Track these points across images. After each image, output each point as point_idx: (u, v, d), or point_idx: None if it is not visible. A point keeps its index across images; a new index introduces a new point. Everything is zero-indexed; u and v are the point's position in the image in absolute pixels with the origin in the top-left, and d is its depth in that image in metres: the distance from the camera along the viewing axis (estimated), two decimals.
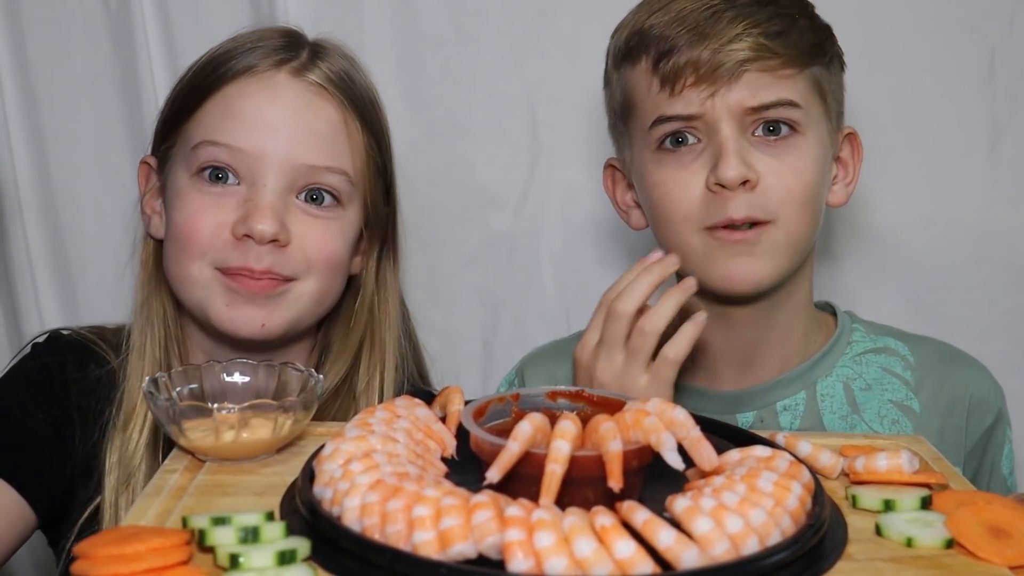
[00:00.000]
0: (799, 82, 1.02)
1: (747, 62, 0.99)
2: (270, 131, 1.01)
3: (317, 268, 1.04)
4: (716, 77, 0.99)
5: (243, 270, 1.01)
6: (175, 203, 1.05)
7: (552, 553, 0.58)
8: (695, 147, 1.02)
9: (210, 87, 1.03)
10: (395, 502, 0.63)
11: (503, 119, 1.42)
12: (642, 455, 0.69)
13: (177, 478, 0.76)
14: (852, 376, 1.10)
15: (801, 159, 1.02)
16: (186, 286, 1.04)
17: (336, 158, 1.04)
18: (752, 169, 1.00)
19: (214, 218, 1.01)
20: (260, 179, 1.01)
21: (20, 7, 1.41)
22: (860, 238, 1.40)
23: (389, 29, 1.41)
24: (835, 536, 0.68)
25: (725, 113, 1.00)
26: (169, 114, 1.07)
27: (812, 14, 1.06)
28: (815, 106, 1.04)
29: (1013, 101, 1.36)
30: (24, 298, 1.45)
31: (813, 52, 1.03)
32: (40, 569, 1.41)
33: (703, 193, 1.01)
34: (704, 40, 0.99)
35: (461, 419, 0.74)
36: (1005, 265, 1.39)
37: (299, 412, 0.81)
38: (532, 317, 1.46)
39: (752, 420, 1.09)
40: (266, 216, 0.99)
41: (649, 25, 1.03)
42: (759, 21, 1.00)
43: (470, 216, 1.44)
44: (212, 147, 1.01)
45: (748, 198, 1.00)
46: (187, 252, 1.02)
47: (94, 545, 0.62)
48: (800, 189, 1.02)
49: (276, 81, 1.03)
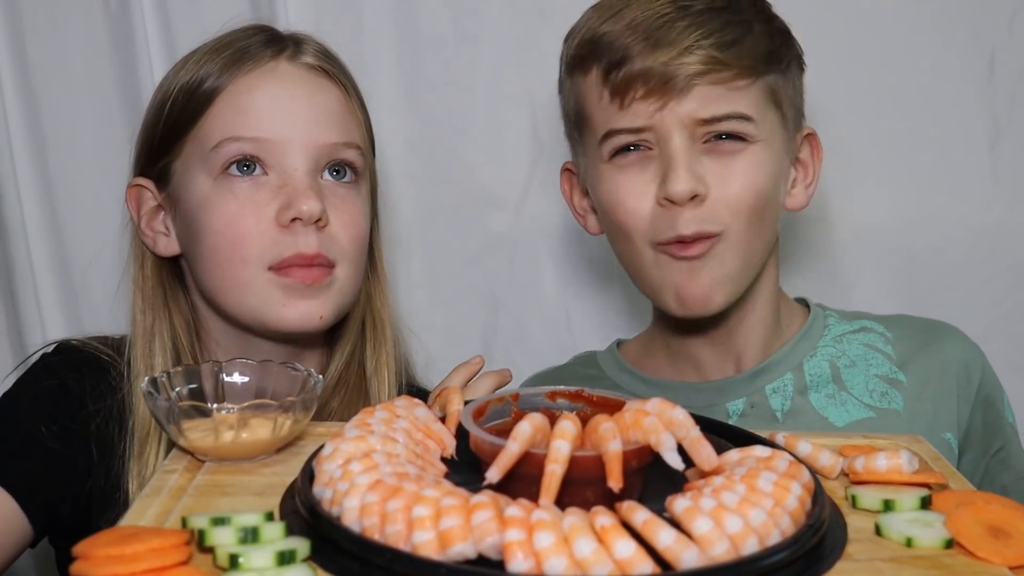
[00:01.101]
0: (752, 92, 1.00)
1: (698, 76, 0.97)
2: (289, 117, 1.03)
3: (351, 251, 1.05)
4: (666, 90, 0.98)
5: (296, 258, 1.01)
6: (205, 211, 1.03)
7: (552, 553, 0.58)
8: (646, 155, 1.01)
9: (212, 91, 1.03)
10: (395, 502, 0.63)
11: (503, 119, 1.42)
12: (642, 455, 0.69)
13: (176, 478, 0.76)
14: (836, 355, 1.11)
15: (750, 167, 1.01)
16: (236, 293, 1.03)
17: (349, 133, 1.06)
18: (701, 182, 0.99)
19: (255, 214, 1.01)
20: (290, 164, 1.02)
21: (21, 8, 1.41)
22: (860, 238, 1.40)
23: (389, 29, 1.41)
24: (835, 536, 0.68)
25: (675, 125, 0.99)
26: (164, 131, 1.06)
27: (769, 16, 1.05)
28: (769, 115, 1.02)
29: (1013, 101, 1.37)
30: (24, 297, 1.45)
31: (768, 60, 1.01)
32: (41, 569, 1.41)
33: (653, 208, 1.01)
34: (655, 51, 0.97)
35: (461, 419, 0.74)
36: (1005, 265, 1.39)
37: (299, 412, 0.81)
38: (532, 317, 1.46)
39: (743, 407, 1.09)
40: (310, 196, 1.01)
41: (601, 33, 1.01)
42: (712, 31, 0.98)
43: (470, 216, 1.45)
44: (235, 142, 1.01)
45: (698, 212, 0.99)
46: (237, 256, 1.01)
47: (93, 545, 0.62)
48: (750, 199, 1.01)
49: (280, 70, 1.04)
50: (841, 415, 1.07)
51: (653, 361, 1.17)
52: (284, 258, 1.01)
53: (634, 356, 1.19)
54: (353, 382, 1.11)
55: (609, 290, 1.46)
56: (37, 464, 1.00)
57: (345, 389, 1.10)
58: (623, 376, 1.17)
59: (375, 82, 1.15)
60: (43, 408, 1.02)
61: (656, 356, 1.17)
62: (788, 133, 1.06)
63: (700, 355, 1.12)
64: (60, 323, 1.46)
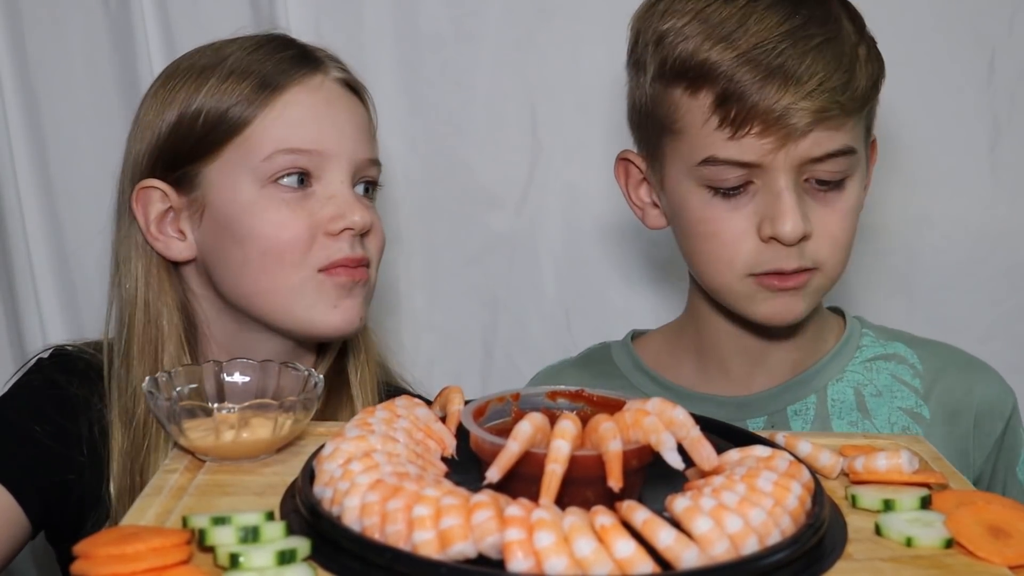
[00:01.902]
0: (858, 127, 1.00)
1: (817, 122, 0.95)
2: (337, 131, 1.05)
3: (377, 260, 1.10)
4: (785, 132, 0.95)
5: (345, 260, 1.04)
6: (250, 216, 1.03)
7: (552, 553, 0.58)
8: (749, 189, 0.99)
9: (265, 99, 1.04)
10: (395, 502, 0.63)
11: (503, 119, 1.42)
12: (642, 455, 0.69)
13: (177, 478, 0.76)
14: (863, 382, 1.09)
15: (848, 204, 1.01)
16: (281, 297, 1.04)
17: (375, 149, 1.11)
18: (808, 222, 0.98)
19: (306, 221, 1.03)
20: (336, 176, 1.05)
21: (20, 7, 1.41)
22: (860, 238, 1.40)
23: (389, 29, 1.41)
24: (835, 536, 0.68)
25: (786, 165, 0.96)
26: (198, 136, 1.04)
27: (866, 34, 1.02)
28: (864, 139, 1.02)
29: (1013, 101, 1.37)
30: (24, 297, 1.45)
31: (873, 92, 1.00)
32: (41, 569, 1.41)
33: (755, 243, 0.99)
34: (774, 91, 0.93)
35: (461, 419, 0.74)
36: (1005, 265, 1.39)
37: (299, 412, 0.81)
38: (532, 317, 1.46)
39: (763, 426, 1.08)
40: (362, 207, 1.05)
41: (714, 61, 0.95)
42: (831, 71, 0.95)
43: (470, 216, 1.44)
44: (289, 154, 1.03)
45: (801, 249, 0.99)
46: (287, 260, 1.03)
47: (94, 545, 0.62)
48: (847, 235, 1.01)
49: (323, 85, 1.07)
50: None
51: (676, 361, 1.14)
52: (334, 260, 1.03)
53: (654, 354, 1.16)
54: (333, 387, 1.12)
55: (609, 290, 1.46)
56: (32, 459, 1.01)
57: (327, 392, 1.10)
58: (639, 376, 1.14)
59: (375, 82, 1.15)
60: (37, 408, 1.04)
61: (680, 357, 1.14)
62: (868, 151, 1.06)
63: (727, 362, 1.11)
64: (60, 323, 1.46)
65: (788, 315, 1.02)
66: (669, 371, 1.14)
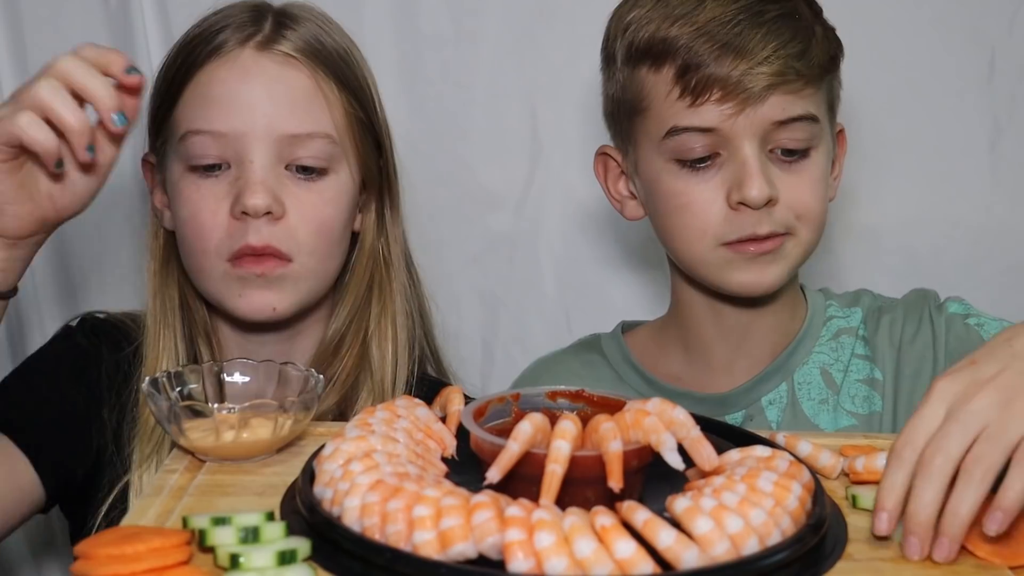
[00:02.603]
0: (818, 96, 1.03)
1: (773, 86, 0.99)
2: (247, 109, 1.02)
3: (310, 243, 1.04)
4: (743, 98, 0.99)
5: (245, 249, 1.01)
6: (176, 198, 1.06)
7: (552, 553, 0.58)
8: (715, 161, 1.02)
9: (184, 77, 1.05)
10: (395, 502, 0.63)
11: (503, 119, 1.42)
12: (642, 455, 0.69)
13: (177, 478, 0.76)
14: (829, 361, 1.11)
15: (815, 174, 1.03)
16: (202, 279, 1.06)
17: (315, 123, 1.04)
18: (774, 187, 1.00)
19: (212, 207, 1.02)
20: (246, 157, 1.02)
21: (20, 7, 1.41)
22: (860, 238, 1.41)
23: (389, 29, 1.41)
24: (835, 536, 0.68)
25: (748, 132, 1.00)
26: (154, 109, 1.08)
27: (823, 19, 1.06)
28: (826, 114, 1.05)
29: (1013, 101, 1.36)
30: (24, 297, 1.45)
31: (830, 65, 1.04)
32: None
33: (724, 210, 1.02)
34: (732, 58, 0.98)
35: (461, 419, 0.74)
36: (1005, 265, 1.39)
37: (299, 412, 0.81)
38: (532, 317, 1.46)
39: (741, 419, 1.10)
40: (257, 190, 1.01)
41: (673, 35, 1.01)
42: (785, 40, 1.00)
43: (470, 216, 1.44)
44: (196, 136, 1.03)
45: (770, 214, 1.01)
46: (198, 247, 1.04)
47: (94, 545, 0.62)
48: (816, 203, 1.04)
49: (243, 59, 1.04)
50: (830, 422, 1.08)
51: (663, 352, 1.16)
52: (235, 250, 1.02)
53: (642, 347, 1.18)
54: (358, 349, 1.11)
55: (609, 290, 1.46)
56: (52, 427, 1.03)
57: (349, 355, 1.10)
58: (625, 369, 1.16)
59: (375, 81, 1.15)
60: (59, 372, 1.06)
61: (667, 347, 1.16)
62: (834, 131, 1.08)
63: (714, 350, 1.12)
64: (60, 323, 1.46)
65: (763, 281, 1.04)
66: (657, 363, 1.16)
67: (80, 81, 0.83)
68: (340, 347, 1.10)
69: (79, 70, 0.83)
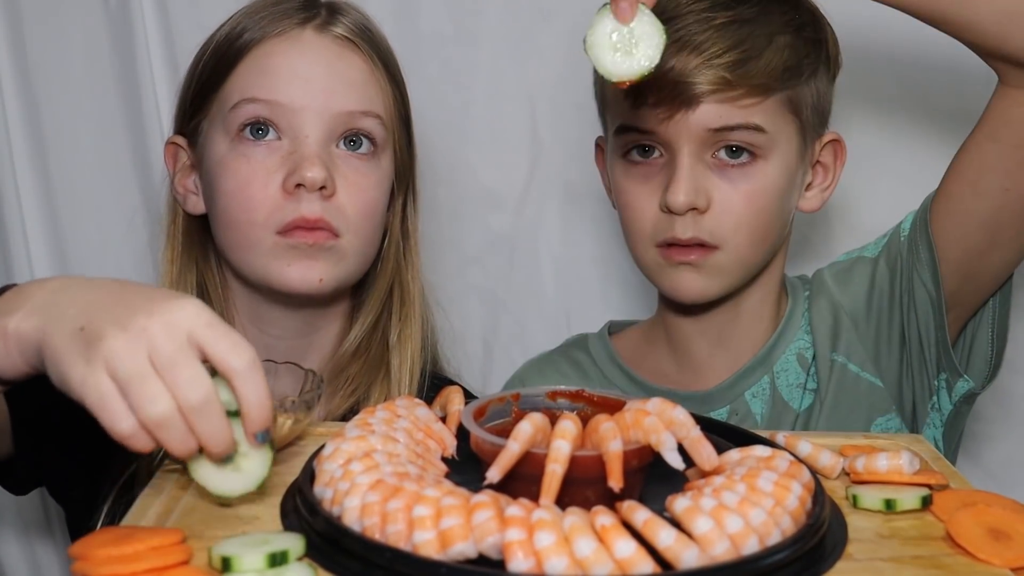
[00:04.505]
0: (765, 106, 1.01)
1: (706, 94, 0.99)
2: (305, 83, 1.04)
3: (357, 222, 1.05)
4: (675, 103, 0.99)
5: (298, 221, 1.02)
6: (220, 173, 1.05)
7: (552, 553, 0.58)
8: (657, 161, 1.04)
9: (239, 52, 1.05)
10: (395, 502, 0.63)
11: (503, 119, 1.42)
12: (642, 455, 0.69)
13: (177, 478, 0.76)
14: (804, 347, 1.11)
15: (757, 185, 1.02)
16: (246, 253, 1.05)
17: (370, 102, 1.07)
18: (702, 195, 1.01)
19: (263, 179, 1.02)
20: (302, 131, 1.03)
21: (20, 7, 1.41)
22: (860, 239, 1.40)
23: (389, 29, 1.40)
24: (835, 536, 0.68)
25: (682, 136, 1.00)
26: (196, 88, 1.08)
27: (801, 24, 1.04)
28: (786, 126, 1.03)
29: None
30: None
31: (784, 76, 1.01)
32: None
33: (656, 213, 1.03)
34: (669, 61, 0.98)
35: (461, 419, 0.74)
36: None
37: (299, 412, 0.81)
38: (532, 317, 1.46)
39: (726, 415, 1.10)
40: (315, 164, 1.01)
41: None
42: (725, 48, 0.99)
43: (470, 216, 1.45)
44: (251, 104, 1.03)
45: (696, 222, 1.01)
46: (245, 219, 1.03)
47: (93, 545, 0.62)
48: (752, 216, 1.02)
49: (304, 38, 1.05)
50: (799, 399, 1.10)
51: (651, 351, 1.17)
52: (288, 222, 1.02)
53: (629, 346, 1.19)
54: (375, 352, 1.11)
55: (609, 290, 1.46)
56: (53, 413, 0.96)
57: (365, 357, 1.11)
58: (611, 368, 1.17)
59: None
60: None
61: (655, 346, 1.17)
62: (807, 139, 1.06)
63: (695, 347, 1.13)
64: None
65: (691, 290, 1.05)
66: (643, 362, 1.16)
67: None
68: (359, 350, 1.11)
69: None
